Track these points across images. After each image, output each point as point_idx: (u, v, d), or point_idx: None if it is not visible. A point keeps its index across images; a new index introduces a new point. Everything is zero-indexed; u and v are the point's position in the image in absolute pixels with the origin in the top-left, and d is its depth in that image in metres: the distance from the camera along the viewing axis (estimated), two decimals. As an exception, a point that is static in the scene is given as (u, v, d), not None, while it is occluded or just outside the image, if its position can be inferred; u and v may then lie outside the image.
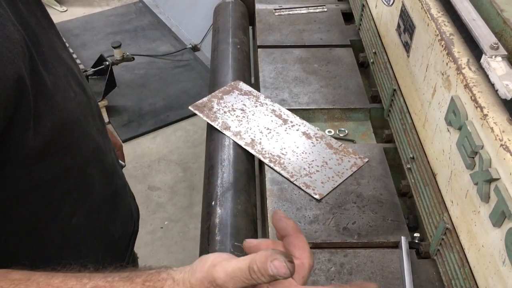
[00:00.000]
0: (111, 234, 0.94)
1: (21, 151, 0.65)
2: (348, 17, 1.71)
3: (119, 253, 1.01)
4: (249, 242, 0.65)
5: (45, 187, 0.73)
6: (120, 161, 1.11)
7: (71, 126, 0.74)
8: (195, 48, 3.52)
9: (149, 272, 0.59)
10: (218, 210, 1.07)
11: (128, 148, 2.82)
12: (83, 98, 0.81)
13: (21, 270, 0.59)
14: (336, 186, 1.13)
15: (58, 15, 3.92)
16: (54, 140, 0.70)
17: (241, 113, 1.31)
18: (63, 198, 0.78)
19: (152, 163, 2.73)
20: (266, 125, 1.28)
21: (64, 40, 0.83)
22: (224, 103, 1.35)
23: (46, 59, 0.69)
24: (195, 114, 1.32)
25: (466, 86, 0.81)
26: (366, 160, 1.19)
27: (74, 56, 3.03)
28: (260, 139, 1.24)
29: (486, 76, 0.81)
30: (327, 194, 1.11)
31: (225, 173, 1.16)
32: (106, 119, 2.94)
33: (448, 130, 0.89)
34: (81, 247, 0.83)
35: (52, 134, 0.69)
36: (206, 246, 1.01)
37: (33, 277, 0.58)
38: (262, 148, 1.22)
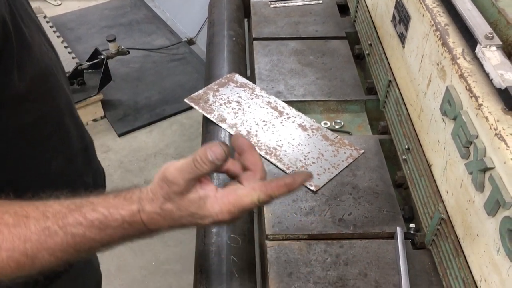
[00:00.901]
0: (86, 184, 1.00)
1: (7, 92, 0.71)
2: (343, 9, 1.70)
3: None
4: None
5: (27, 130, 0.80)
6: None
7: (47, 76, 0.82)
8: (190, 42, 3.51)
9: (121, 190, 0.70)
10: (214, 202, 1.07)
11: (124, 142, 2.82)
12: (53, 54, 0.90)
13: None
14: (332, 178, 1.13)
15: (53, 8, 3.89)
16: (33, 87, 0.77)
17: (237, 105, 1.31)
18: (44, 142, 0.85)
19: (148, 157, 2.72)
20: (262, 117, 1.28)
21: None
22: (219, 95, 1.34)
23: (21, 14, 0.75)
24: (191, 108, 1.32)
25: (461, 76, 0.81)
26: (362, 151, 1.20)
27: (69, 50, 3.02)
28: (256, 131, 1.24)
29: (481, 66, 0.81)
30: (323, 186, 1.11)
31: (221, 165, 1.15)
32: (101, 113, 2.93)
33: (443, 120, 0.89)
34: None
35: (32, 81, 0.76)
36: (203, 237, 1.01)
37: None
38: (258, 140, 1.21)
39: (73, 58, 2.94)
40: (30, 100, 0.78)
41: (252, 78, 1.46)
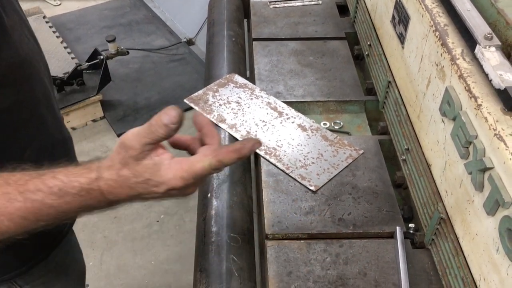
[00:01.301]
0: None
1: None
2: (343, 9, 1.71)
3: None
4: (172, 139, 0.76)
5: (1, 115, 0.82)
6: None
7: (24, 64, 0.84)
8: (190, 42, 3.51)
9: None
10: (214, 202, 1.08)
11: (124, 142, 2.82)
12: (35, 47, 0.92)
13: None
14: (332, 178, 1.13)
15: (52, 9, 3.89)
16: (9, 72, 0.79)
17: (237, 106, 1.31)
18: (16, 129, 0.86)
19: (147, 157, 2.72)
20: (262, 118, 1.28)
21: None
22: (219, 96, 1.35)
23: (3, 4, 0.78)
24: (190, 108, 1.32)
25: (461, 76, 0.82)
26: (361, 152, 1.20)
27: (68, 50, 3.02)
28: (256, 131, 1.24)
29: (480, 67, 0.81)
30: (322, 186, 1.11)
31: (221, 165, 1.16)
32: (101, 113, 2.93)
33: (443, 121, 0.90)
34: None
35: (8, 67, 0.78)
36: (202, 237, 1.01)
37: None
38: (258, 140, 1.22)
39: (72, 58, 2.94)
40: (5, 85, 0.80)
41: (251, 79, 1.46)
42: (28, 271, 1.00)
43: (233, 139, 1.22)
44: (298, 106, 1.34)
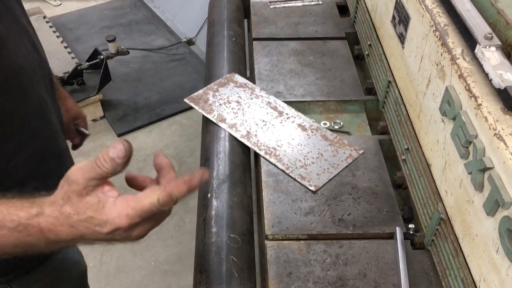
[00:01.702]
0: (48, 189, 1.00)
1: None
2: (343, 9, 1.71)
3: None
4: (129, 175, 0.71)
5: None
6: (83, 130, 1.27)
7: (19, 74, 0.82)
8: (190, 42, 3.51)
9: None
10: (214, 202, 1.07)
11: (124, 143, 2.82)
12: (35, 58, 0.90)
13: None
14: (332, 178, 1.13)
15: (52, 9, 3.89)
16: (1, 81, 0.77)
17: (237, 106, 1.31)
18: (4, 139, 0.84)
19: (147, 157, 2.72)
20: (262, 117, 1.28)
21: (25, 8, 0.94)
22: (219, 95, 1.35)
23: (1, 15, 0.78)
24: (190, 108, 1.32)
25: (461, 76, 0.81)
26: (361, 151, 1.20)
27: (69, 50, 3.02)
28: (256, 131, 1.24)
29: (480, 66, 0.81)
30: (322, 186, 1.11)
31: (221, 165, 1.16)
32: (101, 113, 2.93)
33: (443, 121, 0.89)
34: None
35: (0, 75, 0.77)
36: (202, 237, 1.01)
37: None
38: (258, 140, 1.22)
39: (72, 58, 2.94)
40: None
41: (252, 78, 1.46)
42: (26, 275, 0.99)
43: (233, 138, 1.22)
44: (298, 105, 1.34)
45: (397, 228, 1.01)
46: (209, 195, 1.10)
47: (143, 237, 0.67)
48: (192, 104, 1.32)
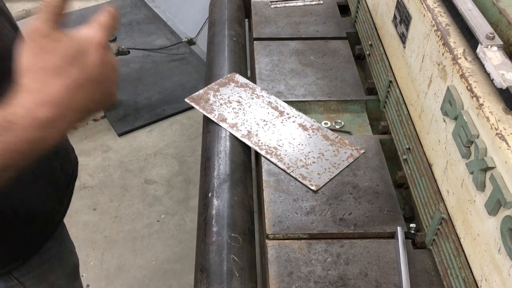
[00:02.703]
0: (52, 169, 1.01)
1: None
2: (344, 9, 1.71)
3: (58, 191, 1.08)
4: None
5: None
6: None
7: (4, 56, 0.76)
8: (190, 42, 3.51)
9: None
10: (215, 202, 1.07)
11: (124, 142, 2.82)
12: (17, 40, 0.85)
13: None
14: (333, 177, 1.13)
15: (53, 8, 3.89)
16: None
17: (238, 105, 1.31)
18: None
19: (148, 156, 2.72)
20: (263, 117, 1.28)
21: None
22: (220, 95, 1.35)
23: None
24: (191, 108, 1.32)
25: (462, 76, 0.81)
26: (362, 151, 1.20)
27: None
28: (257, 131, 1.24)
29: (482, 66, 0.81)
30: (323, 185, 1.11)
31: (222, 165, 1.16)
32: (101, 113, 2.93)
33: (444, 120, 0.89)
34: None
35: None
36: (203, 237, 1.01)
37: None
38: (259, 140, 1.22)
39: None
40: None
41: (252, 78, 1.46)
42: (24, 264, 1.01)
43: (234, 138, 1.22)
44: (299, 105, 1.34)
45: (398, 227, 1.01)
46: (209, 195, 1.10)
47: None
48: (193, 104, 1.32)
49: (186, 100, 1.34)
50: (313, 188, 1.10)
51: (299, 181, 1.12)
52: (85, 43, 0.60)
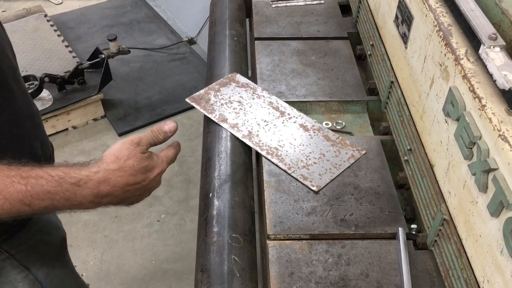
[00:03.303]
0: (34, 149, 1.07)
1: None
2: (345, 9, 1.70)
3: None
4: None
5: None
6: None
7: None
8: (191, 41, 3.50)
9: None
10: (216, 202, 1.07)
11: (124, 142, 2.82)
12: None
13: None
14: (334, 178, 1.13)
15: (53, 7, 3.89)
16: None
17: (238, 105, 1.31)
18: None
19: (148, 156, 2.72)
20: (263, 117, 1.27)
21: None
22: (221, 95, 1.34)
23: None
24: (191, 108, 1.32)
25: (464, 76, 0.81)
26: (363, 152, 1.19)
27: (70, 49, 3.01)
28: (258, 131, 1.24)
29: (484, 67, 0.81)
30: (324, 186, 1.11)
31: (223, 165, 1.15)
32: (102, 112, 2.92)
33: (446, 121, 0.89)
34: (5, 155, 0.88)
35: None
36: (204, 237, 1.01)
37: None
38: (260, 140, 1.21)
39: (73, 57, 2.93)
40: None
41: (253, 78, 1.45)
42: (12, 237, 1.06)
43: (235, 138, 1.22)
44: (300, 106, 1.34)
45: (400, 228, 1.01)
46: (210, 195, 1.09)
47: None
48: (194, 104, 1.32)
49: (186, 100, 1.34)
50: (314, 188, 1.10)
51: (300, 181, 1.12)
52: (156, 165, 0.88)
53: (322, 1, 1.73)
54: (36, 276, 1.13)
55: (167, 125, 0.89)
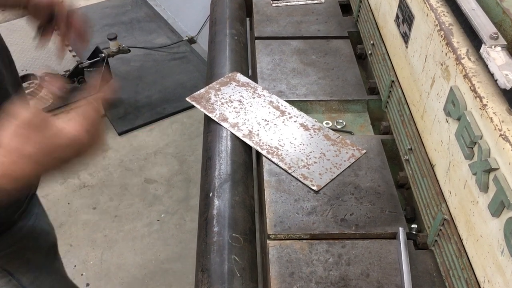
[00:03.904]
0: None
1: None
2: (346, 8, 1.70)
3: None
4: None
5: None
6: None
7: None
8: (191, 40, 3.50)
9: None
10: (216, 202, 1.07)
11: (124, 141, 2.81)
12: None
13: None
14: (334, 178, 1.13)
15: (53, 7, 3.89)
16: None
17: (239, 105, 1.31)
18: None
19: (148, 155, 2.71)
20: (264, 117, 1.27)
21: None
22: (221, 94, 1.34)
23: None
24: (191, 107, 1.32)
25: (466, 76, 0.81)
26: (364, 151, 1.19)
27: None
28: (258, 130, 1.24)
29: (485, 66, 0.80)
30: (325, 186, 1.11)
31: (223, 165, 1.15)
32: (101, 111, 2.92)
33: (447, 121, 0.89)
34: None
35: None
36: (204, 237, 1.01)
37: None
38: (260, 140, 1.21)
39: (73, 56, 2.93)
40: None
41: (254, 77, 1.45)
42: None
43: (235, 138, 1.22)
44: (301, 105, 1.33)
45: (400, 228, 1.01)
46: (210, 194, 1.09)
47: None
48: (194, 103, 1.32)
49: (187, 99, 1.33)
50: (314, 188, 1.10)
51: (300, 181, 1.11)
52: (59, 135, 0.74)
53: (323, 0, 1.73)
54: (20, 281, 1.12)
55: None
